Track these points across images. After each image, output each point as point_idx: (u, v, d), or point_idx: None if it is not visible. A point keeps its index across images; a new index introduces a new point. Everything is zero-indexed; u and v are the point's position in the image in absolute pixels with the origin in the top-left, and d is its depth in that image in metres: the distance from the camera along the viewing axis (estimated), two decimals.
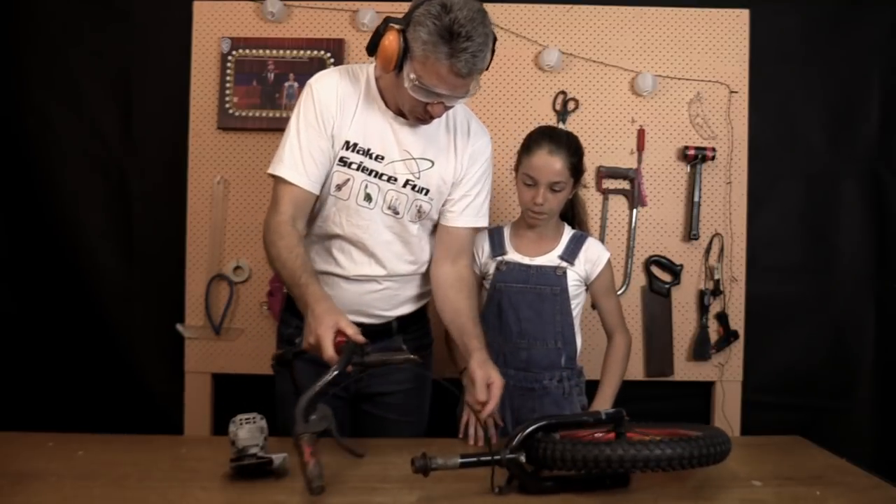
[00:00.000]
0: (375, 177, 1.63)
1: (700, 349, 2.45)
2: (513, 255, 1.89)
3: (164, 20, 2.49)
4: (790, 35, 2.49)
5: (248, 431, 1.28)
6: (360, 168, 1.62)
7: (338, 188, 1.62)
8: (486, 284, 1.90)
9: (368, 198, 1.63)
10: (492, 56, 1.50)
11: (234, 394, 2.45)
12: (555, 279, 1.85)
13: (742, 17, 2.45)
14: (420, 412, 1.83)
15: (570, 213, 1.96)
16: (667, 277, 2.47)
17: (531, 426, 1.25)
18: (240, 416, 1.31)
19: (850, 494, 1.29)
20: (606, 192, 2.47)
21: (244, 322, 2.47)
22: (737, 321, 2.46)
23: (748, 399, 2.48)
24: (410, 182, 1.65)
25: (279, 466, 1.29)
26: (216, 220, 2.46)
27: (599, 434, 1.34)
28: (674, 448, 1.17)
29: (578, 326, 1.90)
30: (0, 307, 2.52)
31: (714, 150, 2.43)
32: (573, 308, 1.86)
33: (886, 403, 2.53)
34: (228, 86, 2.43)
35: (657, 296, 2.47)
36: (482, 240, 1.91)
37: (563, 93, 2.46)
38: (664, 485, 1.30)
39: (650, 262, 2.47)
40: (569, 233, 1.91)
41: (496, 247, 1.90)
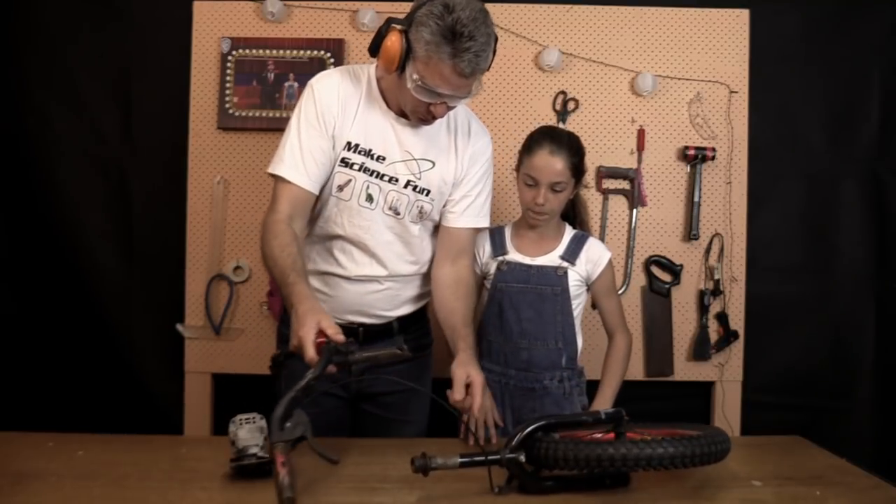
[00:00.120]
0: (377, 177, 1.63)
1: (700, 349, 2.46)
2: (514, 255, 1.88)
3: (164, 20, 2.49)
4: (790, 35, 2.49)
5: (248, 431, 1.28)
6: (362, 169, 1.62)
7: (339, 189, 1.62)
8: (487, 284, 1.90)
9: (370, 198, 1.63)
10: (493, 56, 1.50)
11: (234, 394, 2.45)
12: (556, 279, 1.85)
13: (742, 17, 2.45)
14: (420, 412, 1.82)
15: (572, 213, 1.96)
16: (667, 277, 2.47)
17: (531, 426, 1.25)
18: (240, 416, 1.30)
19: (850, 494, 1.29)
20: (606, 192, 2.47)
21: (244, 322, 2.47)
22: (737, 321, 2.46)
23: (748, 399, 2.49)
24: (412, 183, 1.65)
25: None
26: (216, 220, 2.46)
27: (599, 434, 1.34)
28: (674, 447, 1.17)
29: (579, 326, 1.89)
30: (0, 307, 2.52)
31: (714, 150, 2.43)
32: (574, 308, 1.86)
33: (886, 403, 2.53)
34: (228, 86, 2.43)
35: (657, 296, 2.47)
36: (483, 240, 1.90)
37: (563, 93, 2.46)
38: (664, 484, 1.30)
39: (650, 262, 2.47)
40: (570, 233, 1.91)
41: (497, 247, 1.90)
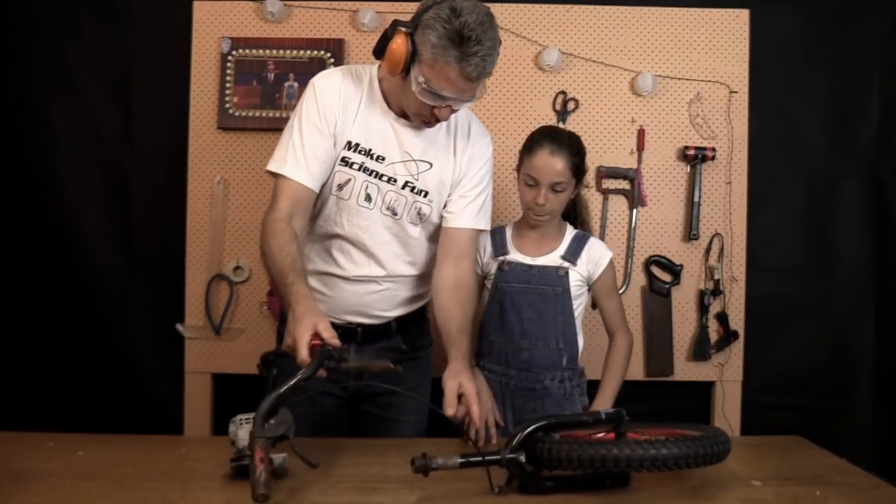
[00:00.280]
0: (376, 177, 1.63)
1: (700, 349, 2.45)
2: (515, 255, 1.88)
3: (164, 20, 2.49)
4: (790, 35, 2.49)
5: (248, 431, 1.28)
6: (362, 168, 1.62)
7: (339, 188, 1.62)
8: (488, 284, 1.90)
9: (368, 198, 1.63)
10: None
11: (234, 394, 2.45)
12: (557, 279, 1.85)
13: (742, 17, 2.45)
14: (420, 412, 1.82)
15: (573, 213, 1.96)
16: (667, 277, 2.47)
17: (531, 426, 1.25)
18: (240, 416, 1.30)
19: (850, 494, 1.29)
20: (606, 192, 2.47)
21: (244, 322, 2.47)
22: (737, 321, 2.46)
23: (748, 399, 2.49)
24: (409, 184, 1.65)
25: (279, 467, 1.28)
26: (216, 220, 2.45)
27: (600, 434, 1.34)
28: (674, 448, 1.17)
29: (580, 327, 1.89)
30: (0, 307, 2.52)
31: (714, 150, 2.43)
32: (575, 308, 1.86)
33: (886, 403, 2.53)
34: (228, 86, 2.43)
35: (657, 296, 2.47)
36: (484, 240, 1.90)
37: (563, 93, 2.46)
38: (664, 485, 1.30)
39: (650, 262, 2.47)
40: (571, 233, 1.91)
41: (498, 247, 1.90)
